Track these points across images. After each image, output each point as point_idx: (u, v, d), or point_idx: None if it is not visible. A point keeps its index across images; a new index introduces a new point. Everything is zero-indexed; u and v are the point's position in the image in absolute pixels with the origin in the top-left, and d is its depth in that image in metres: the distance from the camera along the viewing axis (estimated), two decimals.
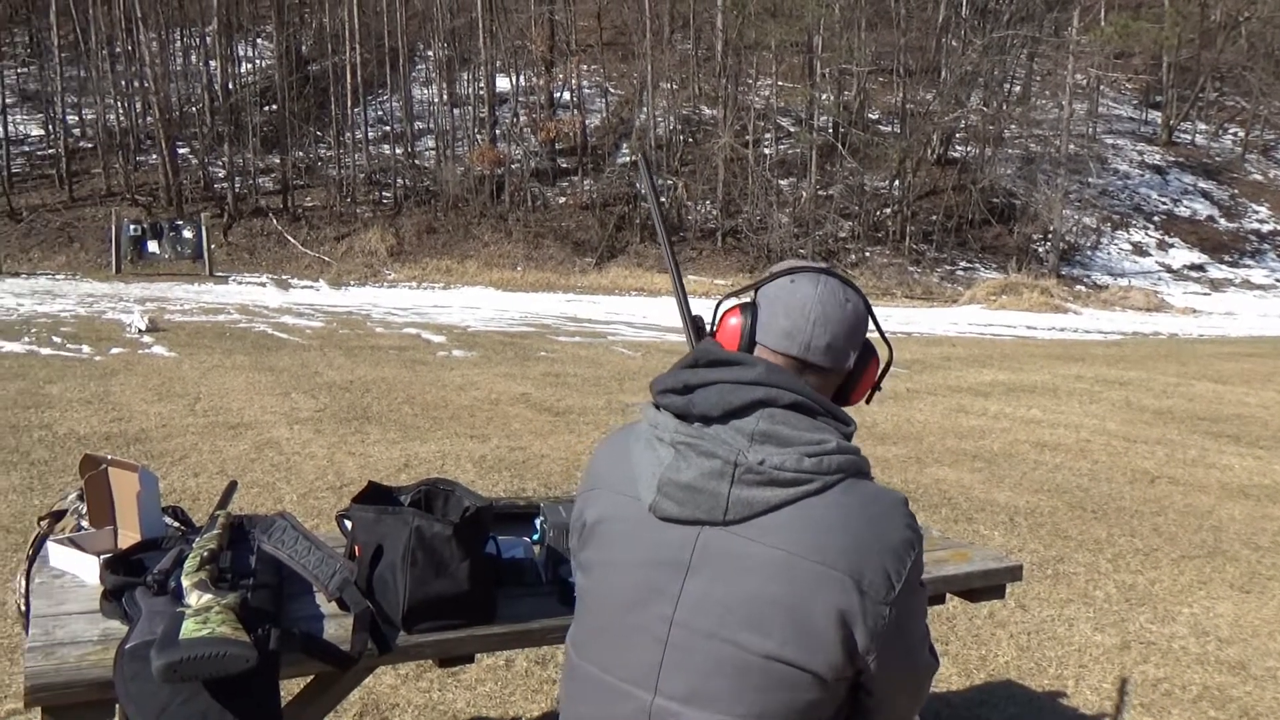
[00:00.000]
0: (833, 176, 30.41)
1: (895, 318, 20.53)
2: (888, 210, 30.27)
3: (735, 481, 1.39)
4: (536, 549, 2.12)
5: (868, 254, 28.90)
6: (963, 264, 29.24)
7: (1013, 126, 31.73)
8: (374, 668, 1.84)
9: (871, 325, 1.59)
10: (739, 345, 1.54)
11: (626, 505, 1.47)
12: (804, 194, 29.59)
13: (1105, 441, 8.17)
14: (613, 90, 34.32)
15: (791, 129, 31.86)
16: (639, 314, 19.11)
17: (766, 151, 30.86)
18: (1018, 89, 33.46)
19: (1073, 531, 5.56)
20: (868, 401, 1.65)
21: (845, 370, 1.55)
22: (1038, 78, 33.38)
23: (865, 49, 31.16)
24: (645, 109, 31.06)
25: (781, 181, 30.06)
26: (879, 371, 1.61)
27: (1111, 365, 13.80)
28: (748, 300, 1.58)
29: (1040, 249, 29.55)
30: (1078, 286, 27.93)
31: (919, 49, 32.72)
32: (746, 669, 1.36)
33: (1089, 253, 30.23)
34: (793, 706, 1.37)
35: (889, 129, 32.20)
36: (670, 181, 29.91)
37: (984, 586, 2.37)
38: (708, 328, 1.65)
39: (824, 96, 30.83)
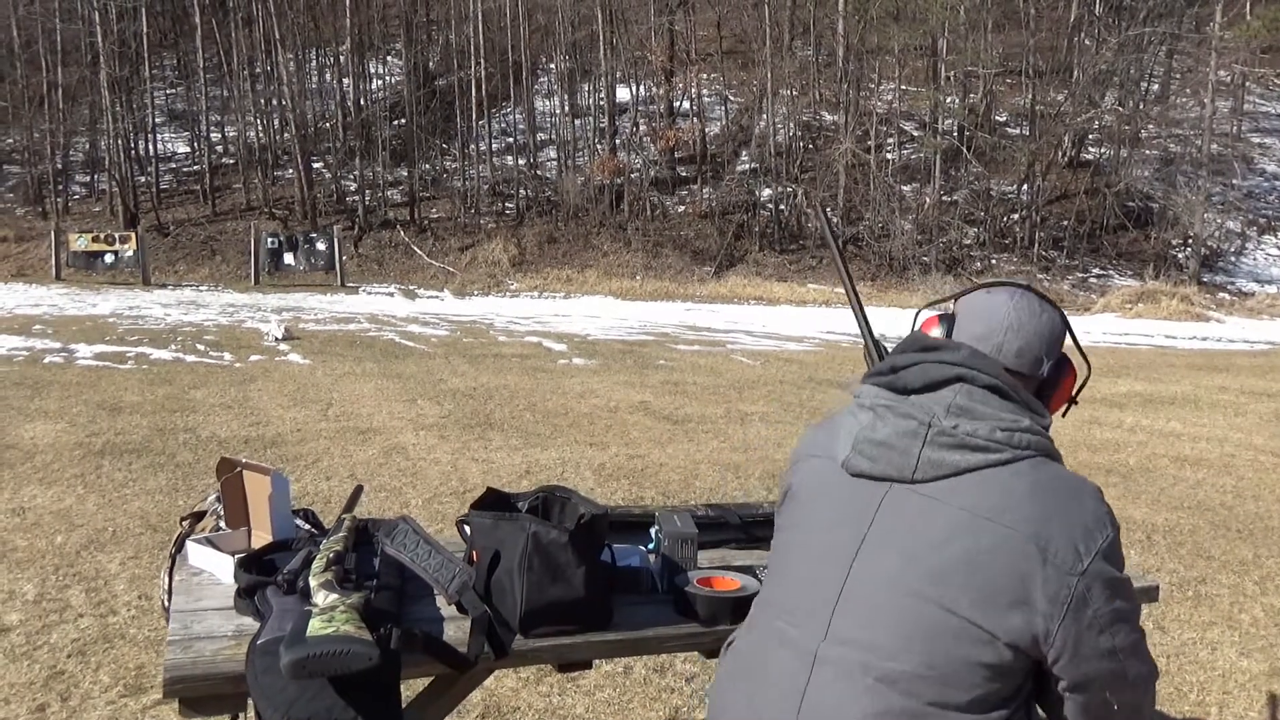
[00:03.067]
0: (958, 181, 29.71)
1: None
2: (1015, 216, 29.40)
3: (928, 442, 1.44)
4: (652, 558, 2.12)
5: (994, 261, 28.10)
6: (1096, 271, 28.17)
7: (1150, 127, 30.47)
8: (491, 671, 1.87)
9: (1070, 341, 1.63)
10: None
11: (823, 465, 1.55)
12: (928, 200, 28.97)
13: (1252, 457, 7.75)
14: (732, 98, 34.27)
15: (915, 133, 31.26)
16: (758, 323, 19.00)
17: (889, 157, 30.36)
18: (1155, 87, 32.12)
19: (1215, 551, 5.28)
20: (1064, 415, 1.67)
21: (1040, 377, 1.57)
22: (1177, 75, 31.99)
23: (992, 50, 30.35)
24: (765, 116, 30.91)
25: (904, 187, 29.52)
26: (1076, 385, 1.64)
27: (1259, 376, 13.10)
28: (946, 311, 1.64)
29: (1180, 255, 28.26)
30: (1221, 294, 26.60)
31: (1049, 49, 31.70)
32: (917, 617, 1.37)
33: (1233, 258, 28.77)
34: (963, 663, 1.35)
35: (1017, 132, 31.29)
36: (790, 189, 29.69)
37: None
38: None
39: (949, 100, 30.15)
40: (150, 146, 33.30)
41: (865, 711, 1.37)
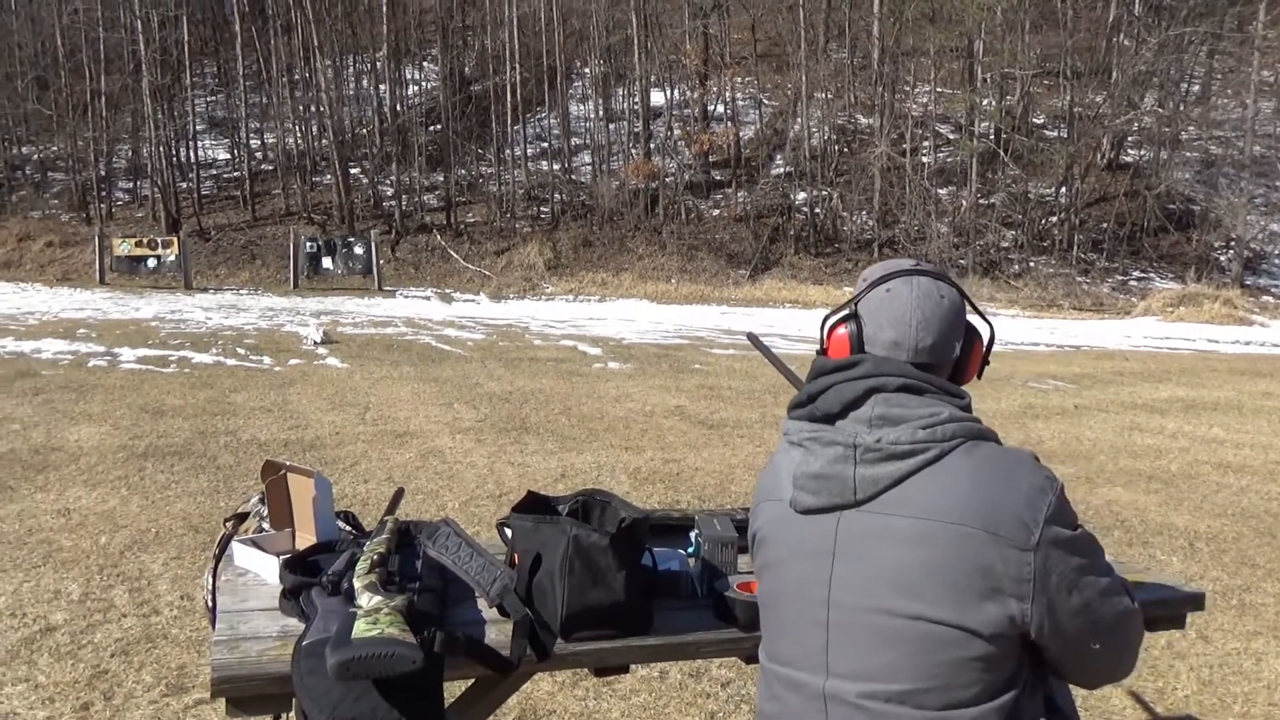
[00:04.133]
0: (994, 184, 29.46)
1: (1062, 330, 19.69)
2: (1054, 218, 29.10)
3: (858, 462, 1.48)
4: (692, 562, 2.11)
5: (1032, 264, 27.84)
6: (1136, 274, 27.81)
7: (1191, 128, 30.05)
8: (533, 674, 1.88)
9: (970, 310, 1.66)
10: (849, 354, 1.63)
11: (776, 508, 1.59)
12: (964, 203, 28.76)
13: None
14: (767, 101, 34.20)
15: (951, 136, 31.04)
16: (794, 326, 18.93)
17: (925, 160, 30.16)
18: (1196, 88, 31.68)
19: (1260, 559, 5.19)
20: (979, 377, 1.71)
21: (952, 360, 1.62)
22: (1218, 76, 31.52)
23: (1029, 51, 30.07)
24: (800, 119, 30.82)
25: (940, 190, 29.31)
26: (985, 348, 1.70)
27: None
28: (849, 313, 1.66)
29: (1222, 258, 27.82)
30: (1265, 297, 26.16)
31: (1087, 50, 31.34)
32: (905, 636, 1.42)
33: (1277, 261, 28.29)
34: (958, 665, 1.40)
35: (1055, 134, 30.97)
36: (825, 192, 29.57)
37: (1162, 615, 2.23)
38: (818, 346, 1.73)
39: (985, 102, 29.91)
40: (191, 153, 33.75)
41: None
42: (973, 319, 1.68)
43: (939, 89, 30.98)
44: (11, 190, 33.58)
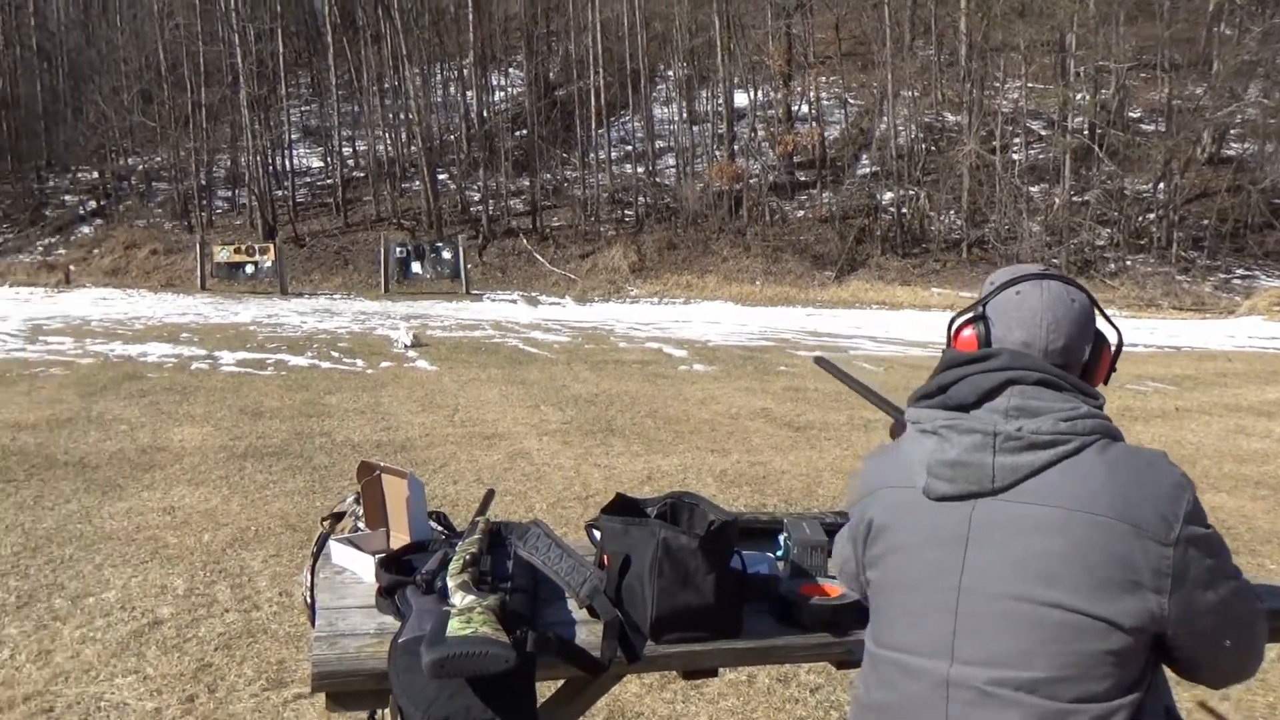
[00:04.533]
0: (1089, 181, 28.65)
1: (1161, 330, 19.07)
2: (1151, 215, 28.19)
3: (997, 450, 1.47)
4: (781, 565, 2.10)
5: (1128, 263, 27.01)
6: (1239, 271, 26.77)
7: None
8: (623, 675, 1.88)
9: (1099, 316, 1.68)
10: None
11: (903, 495, 1.57)
12: (1057, 200, 28.04)
13: None
14: (852, 101, 33.82)
15: (1043, 132, 30.30)
16: (881, 328, 18.68)
17: (1015, 157, 29.48)
18: None
19: None
20: (1105, 383, 1.72)
21: (1081, 363, 1.63)
22: None
23: (1125, 44, 29.17)
24: (886, 118, 30.40)
25: (1032, 188, 28.62)
26: (1113, 354, 1.71)
27: None
28: (977, 314, 1.67)
29: None
30: None
31: (1186, 40, 30.30)
32: (1038, 623, 1.41)
33: None
34: (1093, 656, 1.39)
35: (1152, 128, 30.01)
36: (912, 191, 29.11)
37: (1272, 626, 2.15)
38: (945, 346, 1.72)
39: (1079, 96, 29.10)
40: (286, 162, 34.72)
41: None
42: (1101, 325, 1.68)
43: (1030, 84, 30.26)
44: (118, 200, 34.96)
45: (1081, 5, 27.42)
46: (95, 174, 36.43)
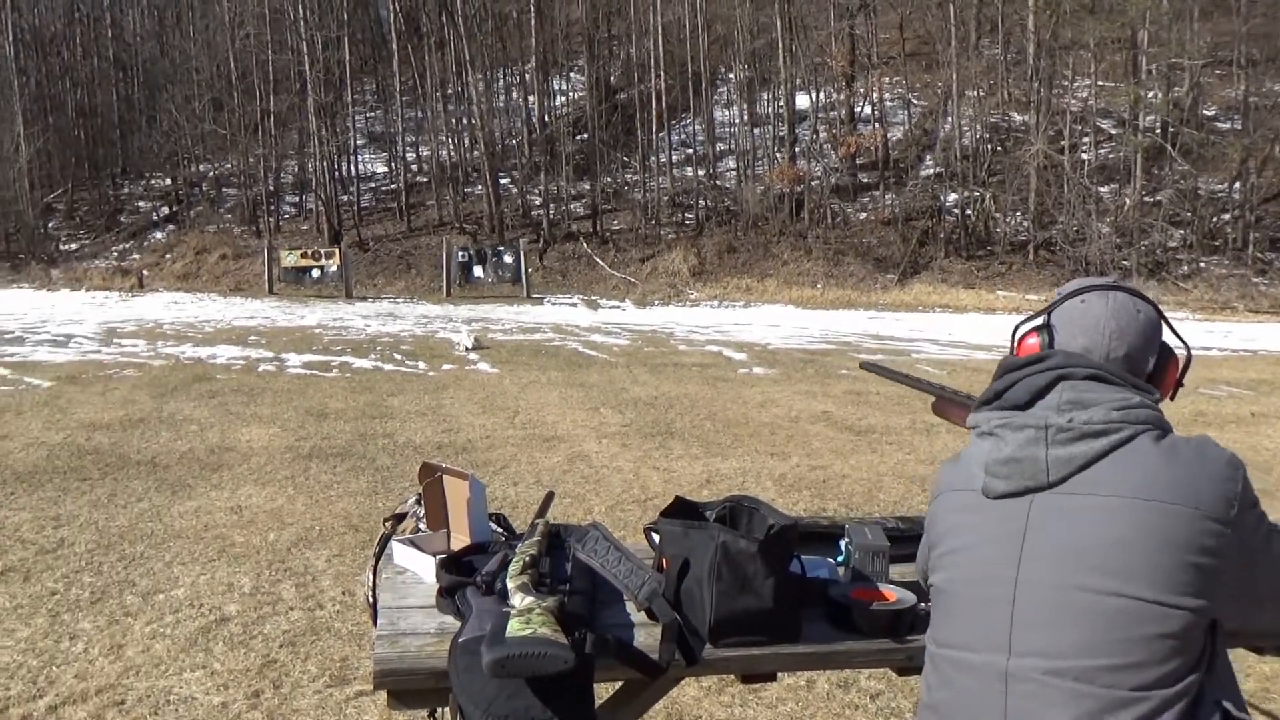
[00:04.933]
0: (1161, 181, 27.99)
1: (1237, 334, 18.56)
2: (1226, 216, 27.45)
3: (1050, 444, 1.50)
4: (841, 570, 2.08)
5: (1202, 264, 26.33)
6: None
7: None
8: (681, 679, 1.88)
9: (1166, 329, 1.70)
10: None
11: (964, 498, 1.60)
12: (1127, 201, 27.43)
13: None
14: (915, 101, 33.44)
15: (1113, 131, 29.68)
16: (944, 331, 18.44)
17: (1084, 157, 28.91)
18: None
19: None
20: (1172, 399, 1.73)
21: (1145, 374, 1.64)
22: None
23: (1199, 40, 28.44)
24: (950, 118, 30.01)
25: (1101, 188, 28.04)
26: (1180, 369, 1.72)
27: None
28: (1042, 323, 1.70)
29: None
30: None
31: (1263, 36, 29.45)
32: (1097, 611, 1.41)
33: None
34: (1153, 642, 1.39)
35: (1228, 126, 29.21)
36: (977, 193, 28.69)
37: None
38: (1009, 352, 1.76)
39: (1151, 94, 28.44)
40: (352, 167, 35.31)
41: (1075, 714, 1.39)
42: (1169, 338, 1.70)
43: (1100, 82, 29.65)
44: (190, 206, 35.82)
45: (1154, 1, 26.81)
46: (168, 181, 37.40)
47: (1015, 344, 1.73)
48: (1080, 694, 1.40)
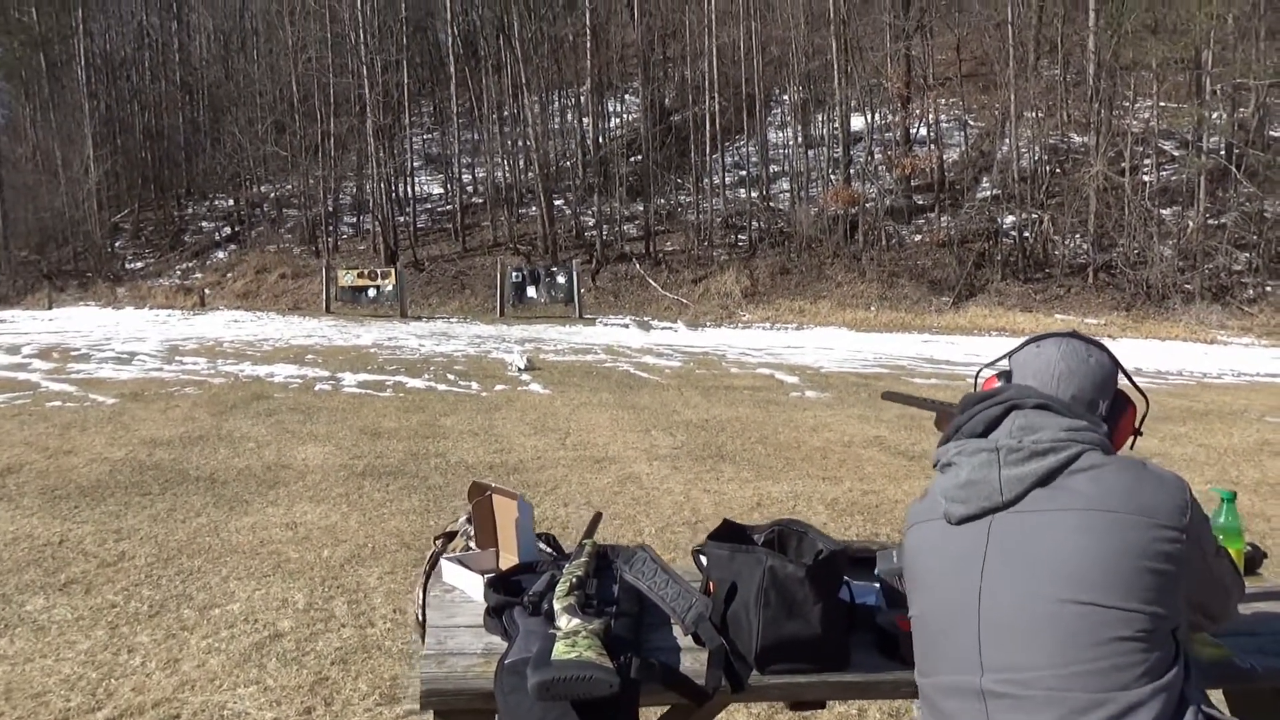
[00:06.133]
0: (1225, 203, 27.42)
1: None
2: None
3: (1003, 464, 1.58)
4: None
5: (1269, 288, 25.71)
6: None
7: None
8: (727, 704, 1.87)
9: (1124, 379, 1.79)
10: None
11: (930, 529, 1.67)
12: (1190, 224, 26.90)
13: None
14: (972, 123, 33.15)
15: (1176, 153, 29.15)
16: (1000, 355, 18.18)
17: (1146, 179, 28.42)
18: None
19: None
20: (1131, 446, 1.82)
21: (1100, 417, 1.71)
22: None
23: (1265, 60, 27.87)
24: (1008, 140, 29.71)
25: (1164, 211, 27.54)
26: (1136, 418, 1.80)
27: None
28: (1003, 369, 1.83)
29: None
30: None
31: None
32: (1062, 621, 1.47)
33: None
34: (1125, 646, 1.45)
35: None
36: (1035, 215, 28.34)
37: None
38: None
39: (1215, 115, 27.90)
40: (409, 188, 35.82)
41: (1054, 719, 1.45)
42: (1126, 387, 1.79)
43: (1162, 103, 29.17)
44: (251, 226, 36.58)
45: (1219, 21, 26.34)
46: (230, 201, 38.24)
47: (979, 388, 1.85)
48: (1052, 701, 1.45)
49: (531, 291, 27.29)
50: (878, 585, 2.10)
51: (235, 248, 35.77)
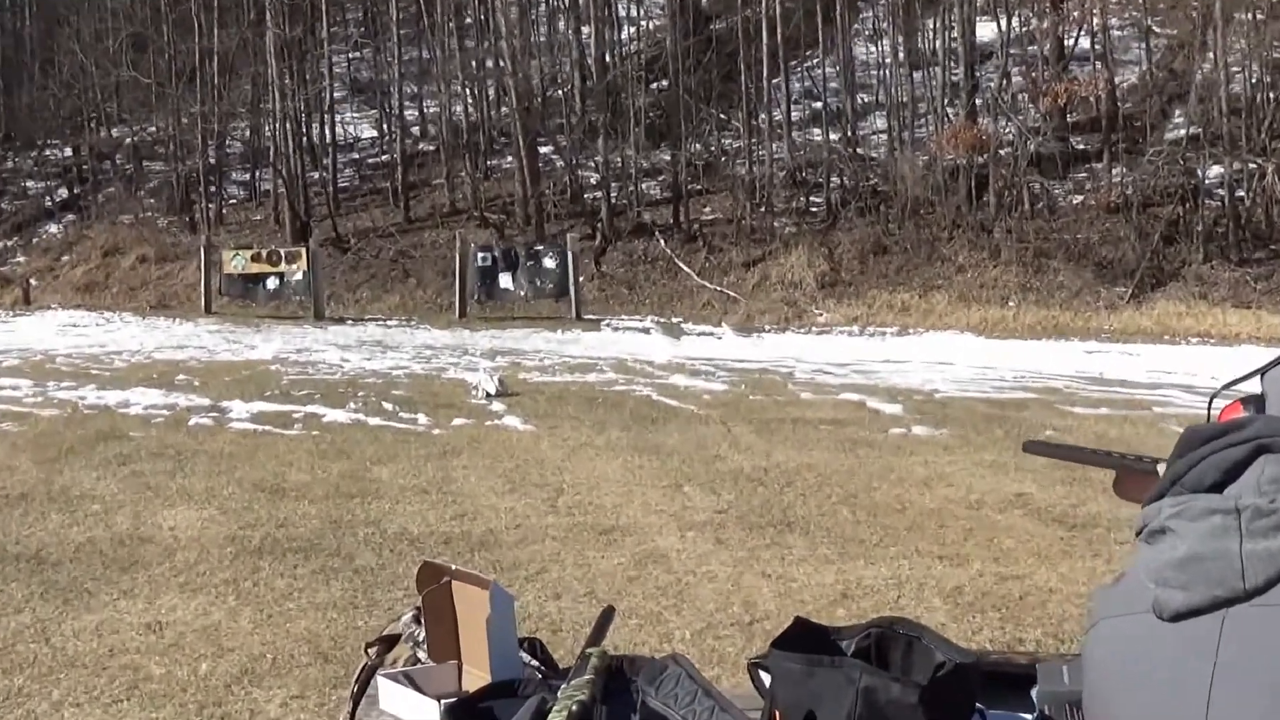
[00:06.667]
0: None
1: None
2: None
3: (1246, 534, 1.45)
4: None
5: None
6: None
7: None
8: None
9: None
10: None
11: (1125, 625, 1.57)
12: None
13: None
14: (1158, 31, 33.15)
15: None
16: (1206, 373, 18.11)
17: None
18: None
19: None
20: None
21: None
22: None
23: None
24: (1211, 55, 29.68)
25: None
26: None
27: None
28: (1254, 392, 1.76)
29: None
30: None
31: None
32: None
33: None
34: None
35: None
36: (1254, 165, 28.27)
37: None
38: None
39: None
40: (327, 130, 35.88)
41: None
42: None
43: None
44: (97, 187, 36.70)
45: None
46: (67, 151, 38.40)
47: (1210, 416, 1.78)
48: None
49: (506, 281, 27.32)
50: (1027, 716, 2.09)
51: (74, 219, 36.00)
